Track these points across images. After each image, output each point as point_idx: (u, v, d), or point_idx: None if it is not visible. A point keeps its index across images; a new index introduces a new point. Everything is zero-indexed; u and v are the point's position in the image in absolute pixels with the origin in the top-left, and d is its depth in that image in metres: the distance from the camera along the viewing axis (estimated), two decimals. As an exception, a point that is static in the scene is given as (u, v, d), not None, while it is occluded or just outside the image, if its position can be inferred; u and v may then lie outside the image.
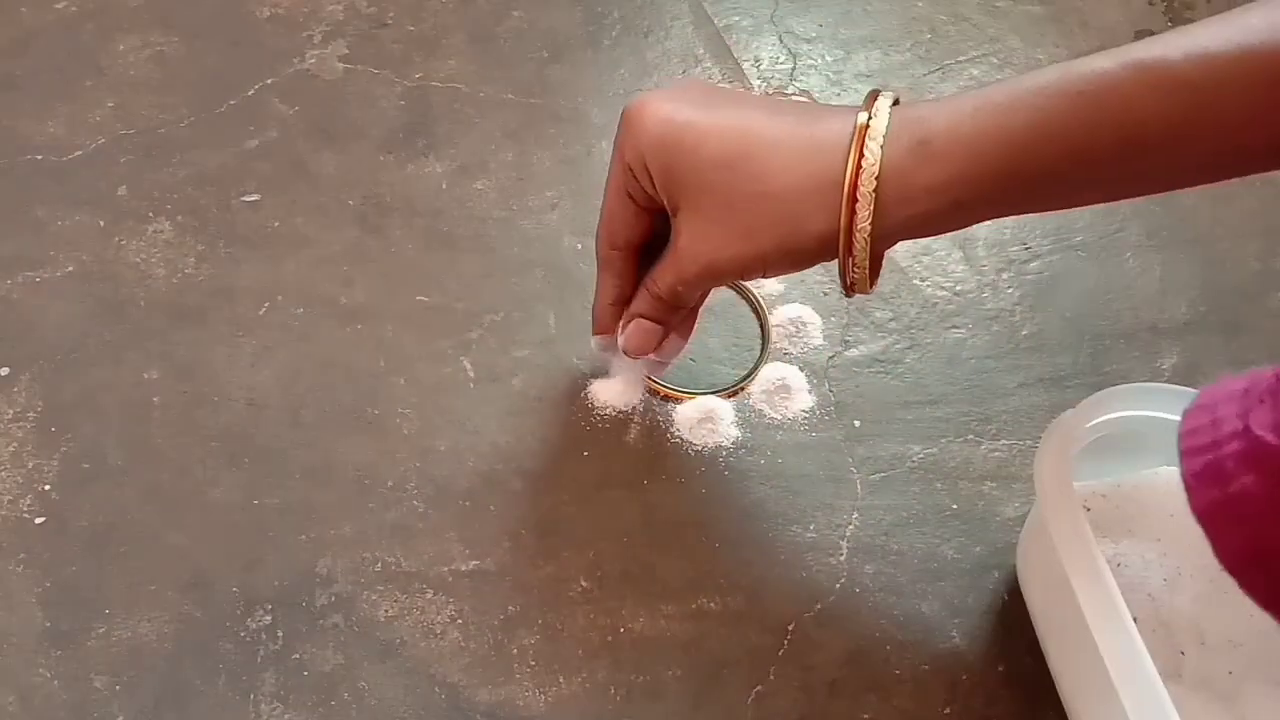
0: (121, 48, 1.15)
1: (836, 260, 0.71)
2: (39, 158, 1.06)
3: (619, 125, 0.77)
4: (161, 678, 0.79)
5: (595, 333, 0.83)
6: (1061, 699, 0.80)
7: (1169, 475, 0.85)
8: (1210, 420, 0.54)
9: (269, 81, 1.14)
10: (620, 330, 0.84)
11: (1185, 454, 0.55)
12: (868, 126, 0.67)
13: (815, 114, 0.72)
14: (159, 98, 1.12)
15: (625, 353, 0.85)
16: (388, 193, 1.07)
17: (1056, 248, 1.10)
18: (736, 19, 1.25)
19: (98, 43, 1.16)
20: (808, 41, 1.24)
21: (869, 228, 0.64)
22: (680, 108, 0.73)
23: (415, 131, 1.12)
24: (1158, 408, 0.79)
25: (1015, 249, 1.09)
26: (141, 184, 1.05)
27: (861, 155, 0.66)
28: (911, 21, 1.27)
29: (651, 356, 0.86)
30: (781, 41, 1.24)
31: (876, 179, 0.65)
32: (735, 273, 0.72)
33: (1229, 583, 0.81)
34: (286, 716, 0.78)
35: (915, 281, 1.06)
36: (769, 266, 0.73)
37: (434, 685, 0.81)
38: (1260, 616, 0.79)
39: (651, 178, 0.73)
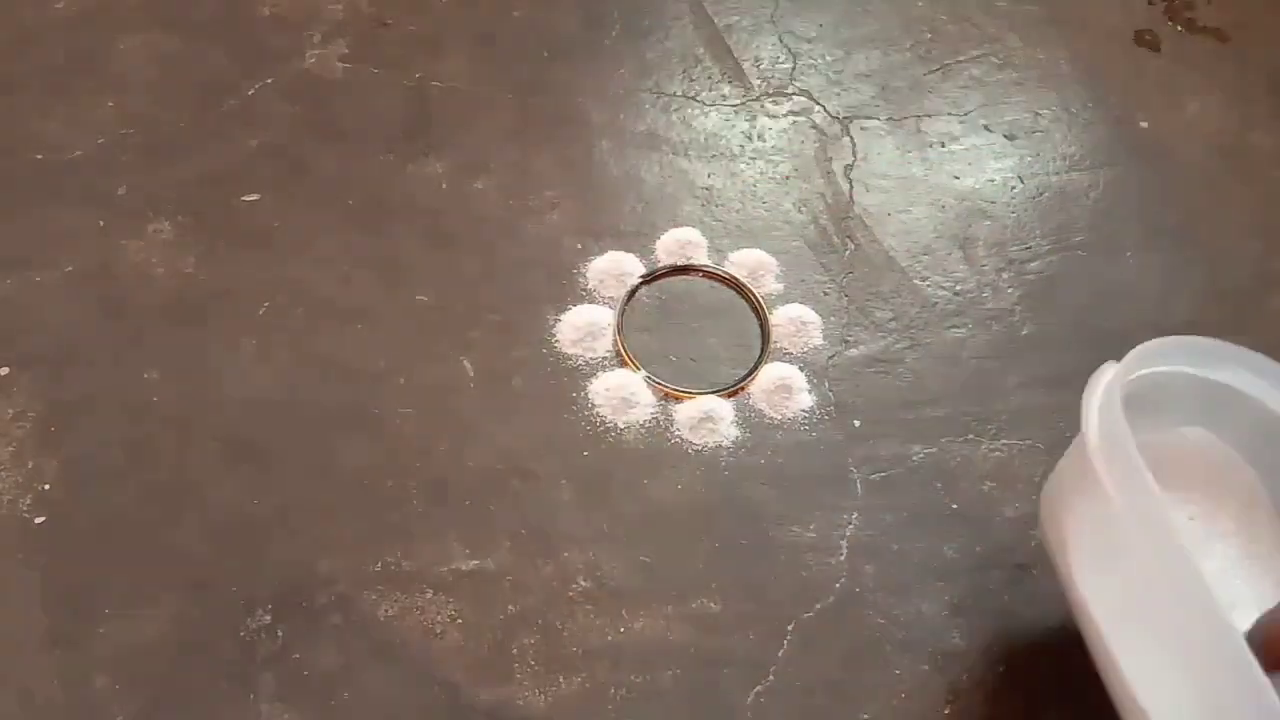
0: (121, 48, 1.15)
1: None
2: (39, 157, 1.06)
3: None
4: (161, 678, 0.79)
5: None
6: (1099, 652, 0.73)
7: (1196, 436, 0.83)
8: None
9: (269, 81, 1.14)
10: None
11: None
12: None
13: None
14: (159, 98, 1.12)
15: None
16: (388, 192, 1.07)
17: (1056, 248, 1.10)
18: (736, 19, 1.25)
19: (98, 43, 1.15)
20: (808, 41, 1.24)
21: None
22: None
23: (415, 131, 1.12)
24: (1186, 362, 0.77)
25: (1015, 249, 1.09)
26: (141, 184, 1.05)
27: None
28: (911, 21, 1.27)
29: None
30: (781, 41, 1.24)
31: None
32: None
33: (1259, 547, 0.79)
34: (286, 716, 0.78)
35: (915, 281, 1.06)
36: None
37: (434, 685, 0.81)
38: None
39: None
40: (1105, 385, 0.73)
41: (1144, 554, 0.67)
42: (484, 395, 0.95)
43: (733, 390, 0.97)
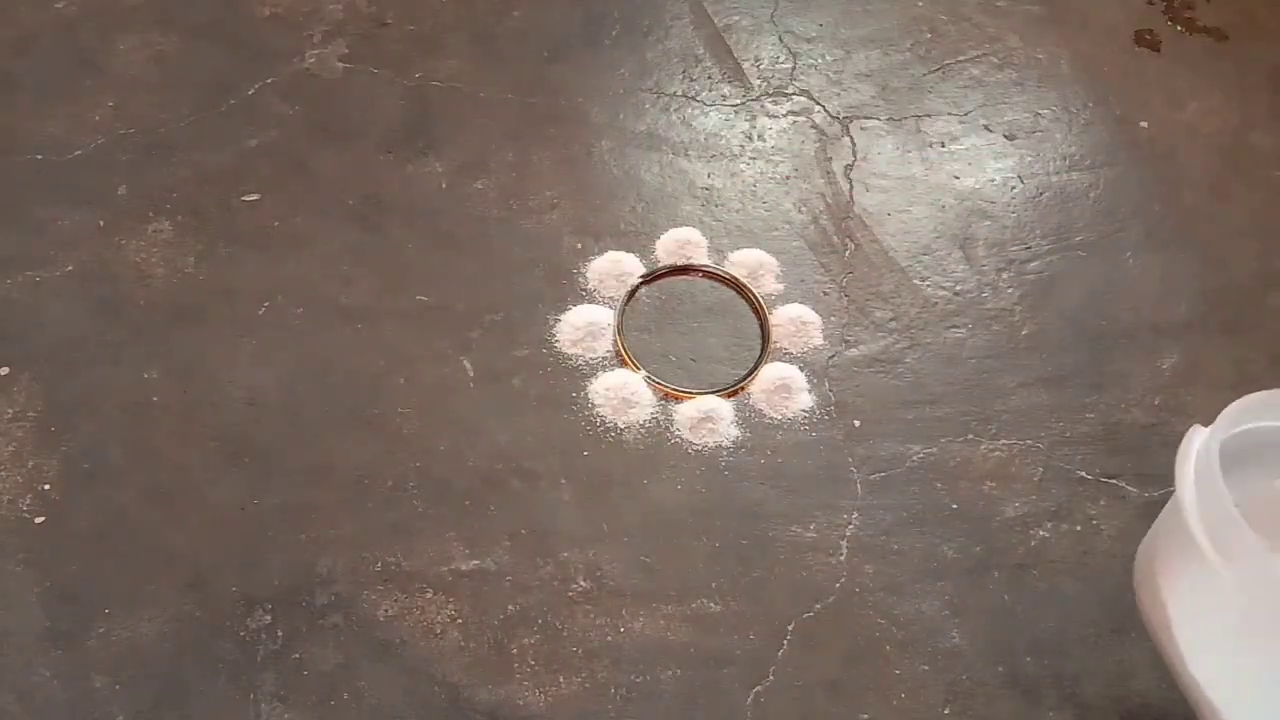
0: (121, 48, 1.15)
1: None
2: (39, 157, 1.06)
3: None
4: (161, 678, 0.79)
5: None
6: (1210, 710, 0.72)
7: None
8: None
9: (269, 81, 1.14)
10: None
11: None
12: None
13: None
14: (159, 98, 1.12)
15: None
16: (388, 192, 1.07)
17: (1056, 248, 1.10)
18: (736, 19, 1.25)
19: (98, 43, 1.15)
20: (808, 41, 1.24)
21: None
22: None
23: (415, 131, 1.12)
24: (1273, 417, 0.73)
25: (1015, 249, 1.09)
26: (141, 184, 1.05)
27: None
28: (911, 21, 1.27)
29: None
30: (781, 41, 1.24)
31: None
32: None
33: None
34: (286, 716, 0.78)
35: (915, 281, 1.06)
36: None
37: (434, 685, 0.81)
38: None
39: None
40: (1198, 451, 0.70)
41: (1262, 625, 0.64)
42: (484, 395, 0.95)
43: (733, 390, 0.97)
